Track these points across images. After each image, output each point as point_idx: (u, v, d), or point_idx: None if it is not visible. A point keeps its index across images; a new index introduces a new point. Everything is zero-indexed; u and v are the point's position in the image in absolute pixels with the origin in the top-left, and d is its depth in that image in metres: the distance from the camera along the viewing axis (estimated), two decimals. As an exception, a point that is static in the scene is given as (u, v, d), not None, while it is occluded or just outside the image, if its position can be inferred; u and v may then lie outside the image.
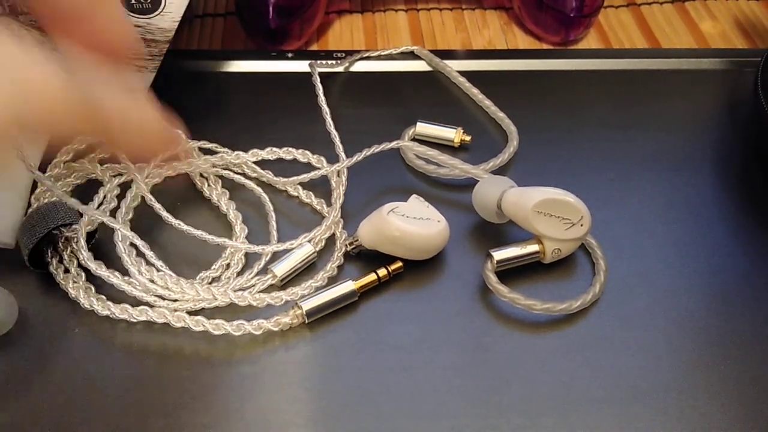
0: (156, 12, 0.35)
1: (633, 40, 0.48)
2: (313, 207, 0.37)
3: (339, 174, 0.36)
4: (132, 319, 0.31)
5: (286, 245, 0.33)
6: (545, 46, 0.47)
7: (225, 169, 0.37)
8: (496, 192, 0.34)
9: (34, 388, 0.30)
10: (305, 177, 0.36)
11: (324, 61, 0.43)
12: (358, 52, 0.44)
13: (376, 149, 0.36)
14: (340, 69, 0.44)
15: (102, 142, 0.33)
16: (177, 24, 0.36)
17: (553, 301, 0.32)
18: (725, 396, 0.30)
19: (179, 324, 0.31)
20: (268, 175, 0.37)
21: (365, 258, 0.34)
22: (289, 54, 0.44)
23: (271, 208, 0.36)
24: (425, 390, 0.30)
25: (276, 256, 0.34)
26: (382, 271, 0.33)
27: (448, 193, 0.37)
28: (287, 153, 0.38)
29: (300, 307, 0.31)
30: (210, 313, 0.32)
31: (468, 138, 0.39)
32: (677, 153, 0.40)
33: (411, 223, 0.32)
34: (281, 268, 0.33)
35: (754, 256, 0.35)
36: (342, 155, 0.36)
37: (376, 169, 0.38)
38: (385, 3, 0.50)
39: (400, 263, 0.33)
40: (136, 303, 0.32)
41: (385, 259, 0.33)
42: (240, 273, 0.34)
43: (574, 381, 0.31)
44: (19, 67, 0.22)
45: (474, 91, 0.42)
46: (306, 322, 0.32)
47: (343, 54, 0.44)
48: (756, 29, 0.49)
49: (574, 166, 0.39)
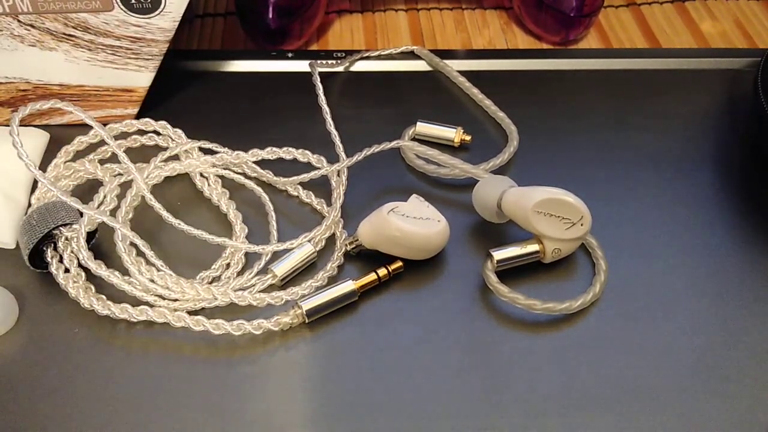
0: (156, 12, 0.35)
1: (633, 40, 0.48)
2: (313, 207, 0.37)
3: (339, 174, 0.36)
4: (132, 319, 0.31)
5: (286, 245, 0.33)
6: (545, 46, 0.47)
7: (225, 169, 0.37)
8: (496, 192, 0.34)
9: (34, 388, 0.30)
10: (305, 177, 0.36)
11: (324, 61, 0.43)
12: (358, 51, 0.44)
13: (376, 149, 0.36)
14: (340, 69, 0.44)
15: None
16: (177, 24, 0.36)
17: (553, 301, 0.32)
18: (725, 396, 0.30)
19: (179, 324, 0.31)
20: (268, 175, 0.37)
21: (365, 258, 0.34)
22: (289, 54, 0.44)
23: (271, 207, 0.36)
24: (425, 390, 0.30)
25: (276, 255, 0.34)
26: (382, 271, 0.33)
27: (448, 193, 0.37)
28: (287, 153, 0.38)
29: (300, 307, 0.31)
30: (210, 313, 0.32)
31: (468, 138, 0.39)
32: (677, 153, 0.40)
33: (411, 223, 0.32)
34: (281, 267, 0.33)
35: (754, 256, 0.35)
36: (342, 155, 0.36)
37: (376, 169, 0.38)
38: (385, 3, 0.50)
39: (400, 263, 0.33)
40: (136, 303, 0.32)
41: (385, 259, 0.33)
42: (240, 273, 0.34)
43: (574, 381, 0.31)
44: None
45: (474, 91, 0.42)
46: (306, 321, 0.32)
47: (343, 54, 0.44)
48: (756, 29, 0.49)
49: (574, 166, 0.39)
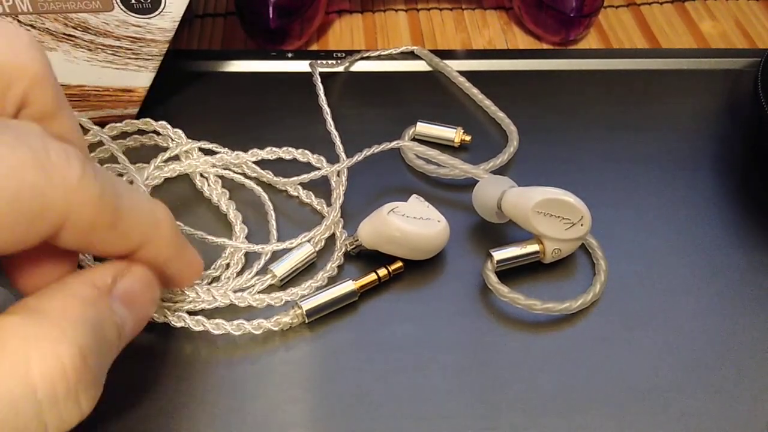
0: (156, 12, 0.35)
1: (633, 40, 0.48)
2: (313, 207, 0.37)
3: (339, 174, 0.36)
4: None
5: (285, 245, 0.33)
6: (545, 46, 0.47)
7: (225, 169, 0.37)
8: (496, 192, 0.34)
9: (33, 388, 0.30)
10: (305, 177, 0.36)
11: (324, 61, 0.43)
12: (358, 52, 0.44)
13: (376, 149, 0.36)
14: (340, 69, 0.44)
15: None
16: (177, 24, 0.36)
17: (553, 301, 0.32)
18: (725, 396, 0.30)
19: (179, 324, 0.31)
20: (267, 175, 0.37)
21: (365, 258, 0.34)
22: (289, 54, 0.44)
23: (271, 207, 0.36)
24: (425, 390, 0.30)
25: (276, 255, 0.34)
26: (382, 271, 0.33)
27: (448, 193, 0.37)
28: (287, 153, 0.38)
29: (300, 307, 0.31)
30: (210, 313, 0.32)
31: (468, 138, 0.39)
32: (677, 153, 0.40)
33: (411, 223, 0.32)
34: (281, 268, 0.33)
35: (754, 256, 0.35)
36: (342, 155, 0.36)
37: (376, 169, 0.38)
38: (385, 3, 0.50)
39: (400, 263, 0.33)
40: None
41: (385, 259, 0.33)
42: (240, 273, 0.34)
43: (574, 381, 0.31)
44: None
45: (474, 91, 0.42)
46: (306, 321, 0.32)
47: (343, 54, 0.44)
48: (756, 29, 0.49)
49: (574, 166, 0.39)
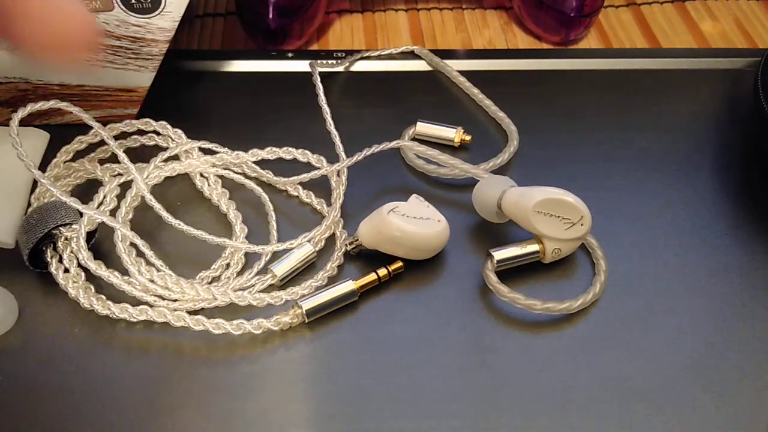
0: (156, 12, 0.35)
1: (633, 40, 0.48)
2: (313, 207, 0.37)
3: (339, 174, 0.36)
4: (132, 319, 0.31)
5: (285, 245, 0.33)
6: (545, 45, 0.47)
7: (225, 169, 0.37)
8: (496, 192, 0.34)
9: (33, 387, 0.30)
10: (305, 177, 0.36)
11: (324, 61, 0.43)
12: (358, 51, 0.44)
13: (376, 149, 0.36)
14: (340, 69, 0.44)
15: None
16: (177, 24, 0.36)
17: (553, 301, 0.32)
18: (725, 396, 0.30)
19: (179, 323, 0.31)
20: (267, 175, 0.37)
21: (365, 258, 0.34)
22: (289, 54, 0.44)
23: (271, 207, 0.36)
24: (425, 390, 0.30)
25: (276, 255, 0.34)
26: (382, 271, 0.33)
27: (448, 193, 0.37)
28: (287, 153, 0.38)
29: (300, 307, 0.31)
30: (210, 313, 0.32)
31: (468, 138, 0.39)
32: (677, 153, 0.40)
33: (411, 223, 0.32)
34: (281, 267, 0.33)
35: (754, 256, 0.35)
36: (342, 155, 0.36)
37: (376, 169, 0.38)
38: (386, 3, 0.50)
39: (400, 263, 0.33)
40: (135, 303, 0.32)
41: (386, 259, 0.33)
42: (240, 273, 0.34)
43: (574, 381, 0.31)
44: None
45: (474, 91, 0.42)
46: (306, 321, 0.32)
47: (344, 54, 0.44)
48: (756, 29, 0.49)
49: (574, 166, 0.39)
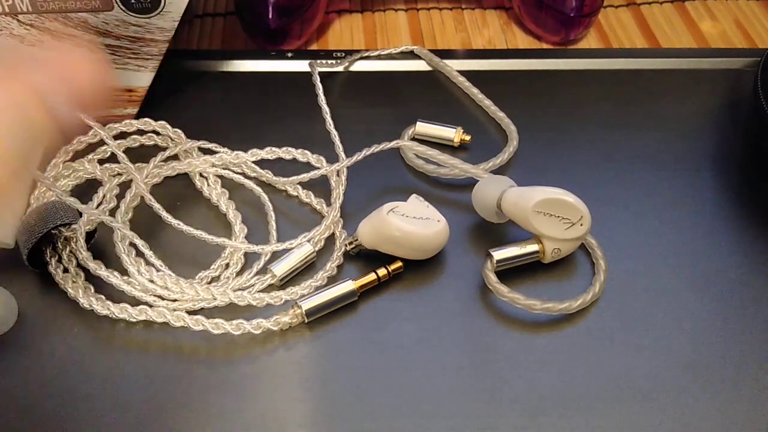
0: (156, 11, 0.35)
1: (633, 39, 0.48)
2: (313, 207, 0.37)
3: (338, 174, 0.36)
4: (131, 319, 0.31)
5: (285, 245, 0.33)
6: (545, 45, 0.47)
7: (224, 169, 0.37)
8: (495, 192, 0.34)
9: (33, 387, 0.30)
10: (305, 177, 0.36)
11: (324, 61, 0.43)
12: (358, 51, 0.44)
13: (375, 149, 0.35)
14: (339, 69, 0.44)
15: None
16: (177, 24, 0.36)
17: (553, 301, 0.32)
18: (725, 396, 0.30)
19: (178, 323, 0.31)
20: (267, 175, 0.37)
21: (365, 258, 0.34)
22: (289, 54, 0.44)
23: (271, 207, 0.36)
24: (425, 390, 0.30)
25: (275, 255, 0.34)
26: (381, 271, 0.33)
27: (447, 193, 0.37)
28: (287, 153, 0.38)
29: (299, 307, 0.31)
30: (209, 313, 0.32)
31: (468, 138, 0.39)
32: (677, 153, 0.40)
33: (411, 223, 0.32)
34: (281, 267, 0.33)
35: (754, 256, 0.35)
36: (342, 155, 0.36)
37: (375, 169, 0.38)
38: (385, 3, 0.50)
39: (400, 263, 0.33)
40: (135, 302, 0.32)
41: (385, 259, 0.33)
42: (239, 273, 0.34)
43: (574, 381, 0.31)
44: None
45: (474, 91, 0.42)
46: (306, 321, 0.32)
47: (343, 54, 0.44)
48: (756, 29, 0.49)
49: (574, 166, 0.39)
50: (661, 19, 0.50)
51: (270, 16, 0.44)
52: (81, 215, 0.32)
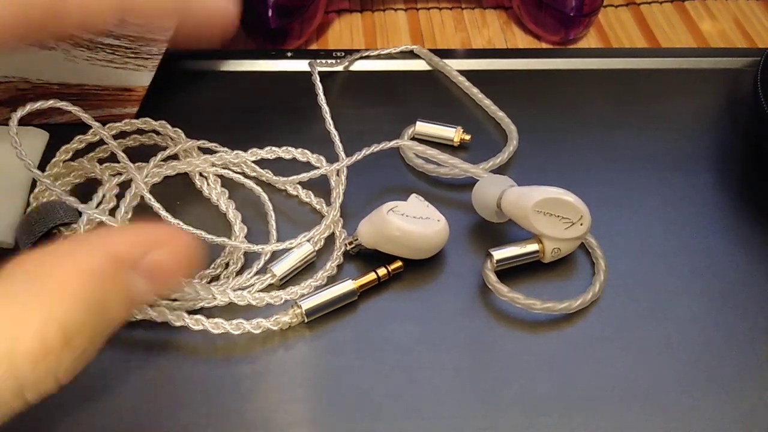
0: (155, 11, 0.35)
1: (633, 39, 0.48)
2: (313, 206, 0.37)
3: (338, 173, 0.36)
4: (131, 319, 0.31)
5: (285, 244, 0.33)
6: (545, 45, 0.47)
7: (224, 169, 0.37)
8: (495, 191, 0.34)
9: (32, 387, 0.30)
10: (305, 176, 0.36)
11: (324, 61, 0.43)
12: (357, 51, 0.44)
13: (375, 148, 0.35)
14: (339, 68, 0.44)
15: None
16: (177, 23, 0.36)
17: (553, 301, 0.32)
18: (725, 396, 0.30)
19: (178, 323, 0.31)
20: (267, 175, 0.37)
21: (365, 257, 0.34)
22: (289, 53, 0.44)
23: (271, 207, 0.36)
24: (425, 390, 0.30)
25: (275, 255, 0.34)
26: (381, 271, 0.33)
27: (447, 193, 0.37)
28: (286, 152, 0.38)
29: (299, 306, 0.31)
30: (209, 312, 0.32)
31: (468, 137, 0.39)
32: (677, 153, 0.40)
33: (411, 223, 0.32)
34: (280, 267, 0.33)
35: (754, 256, 0.35)
36: (341, 154, 0.36)
37: (375, 169, 0.38)
38: (385, 2, 0.50)
39: (400, 263, 0.33)
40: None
41: (385, 259, 0.33)
42: (239, 272, 0.34)
43: (574, 381, 0.31)
44: None
45: (474, 91, 0.42)
46: (305, 321, 0.32)
47: (343, 53, 0.44)
48: (756, 29, 0.49)
49: (574, 165, 0.39)
50: (661, 19, 0.50)
51: (270, 15, 0.44)
52: (81, 215, 0.32)
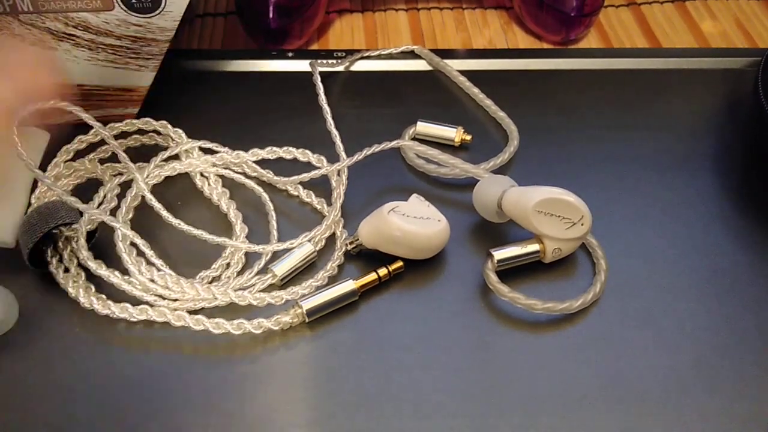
0: (156, 11, 0.35)
1: (633, 39, 0.48)
2: (314, 206, 0.37)
3: (339, 173, 0.36)
4: (132, 319, 0.31)
5: (286, 245, 0.33)
6: (546, 45, 0.47)
7: (225, 169, 0.37)
8: (496, 191, 0.34)
9: (33, 386, 0.30)
10: (305, 176, 0.36)
11: (324, 61, 0.43)
12: (358, 51, 0.44)
13: (376, 148, 0.36)
14: (340, 68, 0.44)
15: None
16: (177, 23, 0.36)
17: (554, 301, 0.32)
18: (725, 396, 0.30)
19: (179, 323, 0.31)
20: (268, 175, 0.37)
21: (365, 257, 0.34)
22: (290, 53, 0.44)
23: (272, 207, 0.36)
24: (425, 390, 0.30)
25: (276, 255, 0.34)
26: (382, 271, 0.33)
27: (448, 193, 0.37)
28: (287, 152, 0.38)
29: (300, 306, 0.31)
30: (210, 313, 0.32)
31: (468, 137, 0.39)
32: (677, 153, 0.40)
33: (411, 223, 0.32)
34: (281, 267, 0.33)
35: (754, 256, 0.35)
36: (342, 154, 0.36)
37: (376, 169, 0.38)
38: (386, 2, 0.50)
39: (400, 263, 0.33)
40: (136, 302, 0.32)
41: (386, 259, 0.33)
42: (240, 272, 0.34)
43: (574, 381, 0.31)
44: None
45: (474, 91, 0.42)
46: (306, 321, 0.32)
47: (344, 53, 0.44)
48: (756, 29, 0.49)
49: (574, 165, 0.39)
50: (662, 19, 0.50)
51: (270, 15, 0.44)
52: (82, 215, 0.32)
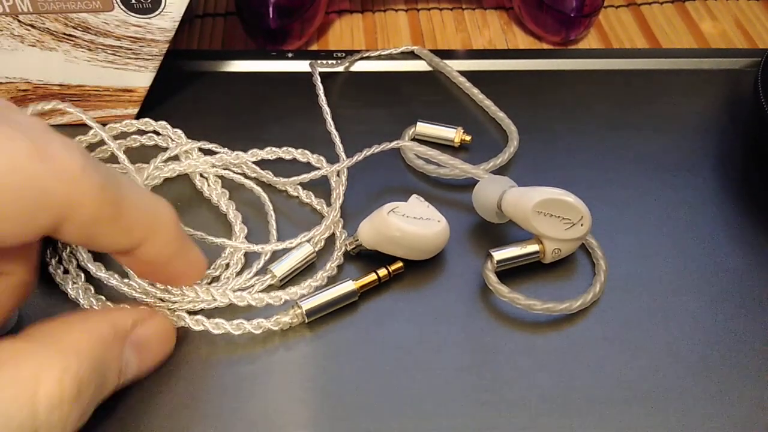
0: (156, 12, 0.35)
1: (633, 40, 0.48)
2: (313, 207, 0.37)
3: (339, 174, 0.36)
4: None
5: (285, 245, 0.33)
6: (545, 46, 0.47)
7: (224, 169, 0.37)
8: (496, 192, 0.34)
9: (33, 388, 0.30)
10: (305, 177, 0.36)
11: (324, 61, 0.43)
12: (358, 51, 0.44)
13: (376, 149, 0.36)
14: (340, 69, 0.44)
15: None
16: (177, 24, 0.36)
17: (554, 301, 0.32)
18: (725, 396, 0.30)
19: (179, 324, 0.31)
20: (267, 175, 0.37)
21: (365, 258, 0.34)
22: (289, 54, 0.44)
23: (271, 207, 0.36)
24: (425, 390, 0.30)
25: (275, 255, 0.34)
26: (382, 271, 0.33)
27: (448, 193, 0.37)
28: (287, 153, 0.38)
29: (300, 307, 0.31)
30: (209, 313, 0.32)
31: (468, 138, 0.39)
32: (677, 153, 0.40)
33: (411, 223, 0.32)
34: (281, 267, 0.33)
35: (754, 256, 0.35)
36: (342, 155, 0.36)
37: (376, 169, 0.38)
38: (386, 3, 0.50)
39: (400, 263, 0.33)
40: (135, 304, 0.32)
41: (386, 259, 0.33)
42: (239, 273, 0.34)
43: (574, 381, 0.31)
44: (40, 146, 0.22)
45: (474, 91, 0.42)
46: (306, 321, 0.32)
47: (344, 54, 0.44)
48: (756, 29, 0.49)
49: (574, 166, 0.39)
50: (662, 19, 0.50)
51: (270, 16, 0.44)
52: (81, 215, 0.32)
